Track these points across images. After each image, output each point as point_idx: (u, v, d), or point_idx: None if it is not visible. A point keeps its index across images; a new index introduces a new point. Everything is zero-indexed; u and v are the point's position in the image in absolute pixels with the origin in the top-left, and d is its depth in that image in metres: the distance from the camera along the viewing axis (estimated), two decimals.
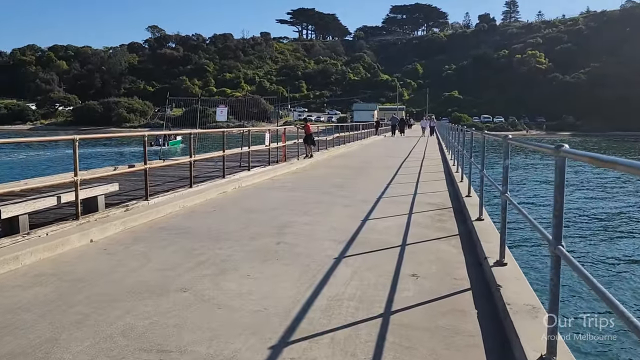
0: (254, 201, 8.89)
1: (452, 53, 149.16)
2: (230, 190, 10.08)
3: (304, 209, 8.08)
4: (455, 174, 12.21)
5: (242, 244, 5.78)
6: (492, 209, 11.63)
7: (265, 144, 14.14)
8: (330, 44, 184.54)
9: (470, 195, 8.51)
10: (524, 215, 3.57)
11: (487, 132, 7.01)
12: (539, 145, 3.22)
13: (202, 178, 11.67)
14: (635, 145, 63.36)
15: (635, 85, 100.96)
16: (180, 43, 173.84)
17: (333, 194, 9.67)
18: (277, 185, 11.13)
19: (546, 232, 2.84)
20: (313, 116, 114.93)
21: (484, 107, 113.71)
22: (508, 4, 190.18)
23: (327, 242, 5.90)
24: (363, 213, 7.68)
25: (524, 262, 8.65)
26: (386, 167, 15.31)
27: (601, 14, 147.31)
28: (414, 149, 24.30)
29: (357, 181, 11.84)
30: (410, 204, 8.60)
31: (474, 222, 6.49)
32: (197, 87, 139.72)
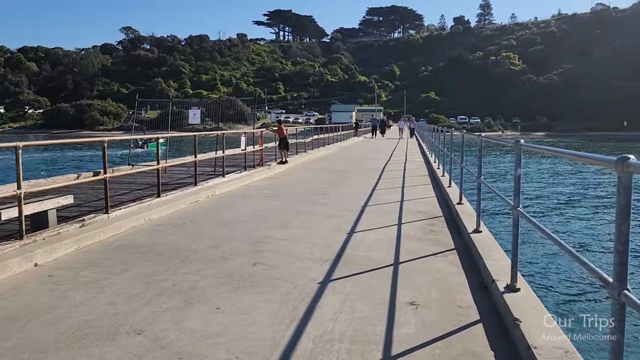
0: (228, 212, 8.13)
1: (429, 55, 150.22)
2: (202, 200, 9.30)
3: (282, 220, 7.37)
4: (441, 178, 11.65)
5: (213, 267, 5.04)
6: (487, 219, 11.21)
7: (241, 148, 13.37)
8: (308, 45, 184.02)
9: (461, 202, 7.91)
10: (564, 249, 2.91)
11: (487, 137, 6.45)
12: (597, 157, 2.57)
13: (174, 185, 10.86)
14: (605, 144, 64.27)
15: (606, 86, 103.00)
16: (155, 44, 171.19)
17: (314, 202, 8.97)
18: (254, 192, 10.38)
19: (602, 273, 2.19)
20: (291, 118, 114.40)
21: (460, 108, 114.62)
22: (482, 6, 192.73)
23: (309, 262, 5.20)
24: (348, 224, 7.01)
25: (536, 284, 7.96)
26: (369, 170, 14.70)
27: (572, 17, 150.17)
28: (395, 151, 23.78)
29: (339, 187, 11.17)
30: (399, 212, 7.96)
31: (471, 234, 5.87)
32: (172, 89, 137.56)
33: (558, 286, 6.76)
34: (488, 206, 15.54)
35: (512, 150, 4.66)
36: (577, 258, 2.51)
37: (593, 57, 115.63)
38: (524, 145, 3.79)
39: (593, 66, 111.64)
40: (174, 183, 11.37)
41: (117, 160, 26.48)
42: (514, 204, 3.89)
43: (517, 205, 3.87)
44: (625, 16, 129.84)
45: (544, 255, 9.95)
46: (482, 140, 5.94)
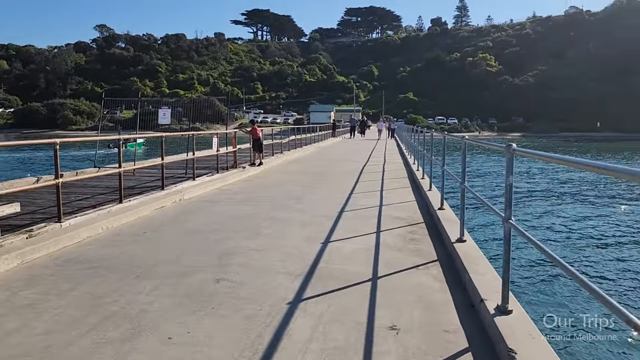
0: (195, 218, 7.58)
1: (407, 55, 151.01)
2: (169, 205, 8.72)
3: (254, 228, 6.86)
4: (421, 181, 11.28)
5: (171, 284, 4.51)
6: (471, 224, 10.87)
7: (213, 149, 12.79)
8: (286, 45, 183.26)
9: (443, 207, 7.52)
10: (565, 270, 2.48)
11: (483, 140, 6.06)
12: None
13: (141, 189, 10.25)
14: (576, 144, 65.34)
15: (580, 88, 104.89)
16: (131, 43, 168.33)
17: (289, 208, 8.48)
18: (226, 196, 9.84)
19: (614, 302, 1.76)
20: (269, 118, 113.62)
21: (438, 109, 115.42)
22: (459, 8, 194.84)
23: (280, 277, 4.71)
24: (324, 232, 6.54)
25: (527, 301, 7.43)
26: (346, 172, 14.26)
27: (547, 19, 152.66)
28: (373, 152, 23.41)
29: (315, 190, 10.70)
30: (377, 218, 7.53)
31: (454, 244, 5.46)
32: (148, 88, 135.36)
33: (552, 303, 6.24)
34: (471, 211, 15.28)
35: (497, 151, 4.27)
36: (582, 283, 2.08)
37: (567, 59, 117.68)
38: (518, 150, 3.37)
39: (567, 68, 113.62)
40: (141, 187, 10.77)
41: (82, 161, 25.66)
42: (505, 215, 3.46)
43: (508, 218, 3.44)
44: (598, 19, 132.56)
45: (534, 266, 9.53)
46: (466, 142, 5.53)
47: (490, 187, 23.36)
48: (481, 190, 21.46)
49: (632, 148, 56.28)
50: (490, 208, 3.92)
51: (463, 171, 5.50)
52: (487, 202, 4.07)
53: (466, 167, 5.68)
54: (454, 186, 16.25)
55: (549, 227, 14.50)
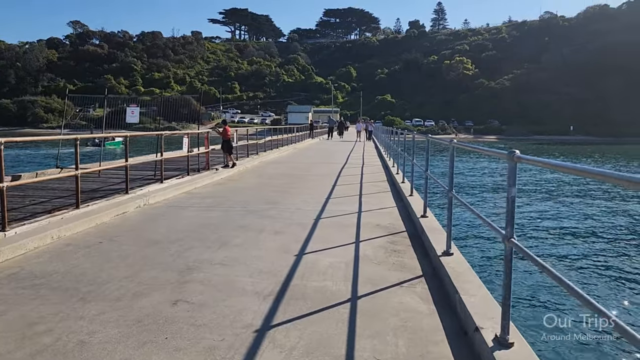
0: (158, 226, 6.96)
1: (384, 57, 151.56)
2: (131, 211, 8.07)
3: (222, 237, 6.28)
4: (401, 185, 10.83)
5: (122, 307, 3.92)
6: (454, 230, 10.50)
7: (184, 150, 12.13)
8: (264, 45, 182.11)
9: (426, 215, 7.06)
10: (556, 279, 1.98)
11: (480, 145, 5.61)
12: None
13: (104, 192, 9.57)
14: (550, 148, 66.14)
15: (554, 92, 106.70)
16: (105, 40, 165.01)
17: (262, 214, 7.92)
18: (194, 201, 9.22)
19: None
20: (246, 118, 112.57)
21: (415, 111, 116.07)
22: (436, 11, 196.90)
23: (247, 298, 4.16)
24: (299, 243, 6.01)
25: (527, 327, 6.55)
26: (324, 175, 13.75)
27: (522, 24, 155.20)
28: (351, 153, 22.97)
29: (291, 195, 10.15)
30: (356, 226, 7.03)
31: (441, 257, 4.99)
32: (123, 86, 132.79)
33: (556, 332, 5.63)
34: (456, 217, 14.83)
35: (491, 157, 3.81)
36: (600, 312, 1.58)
37: (542, 63, 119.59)
38: (522, 159, 2.89)
39: (542, 72, 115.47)
40: (105, 189, 10.07)
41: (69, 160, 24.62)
42: (507, 233, 2.99)
43: (510, 236, 2.97)
44: (571, 25, 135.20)
45: (534, 286, 8.74)
46: (454, 147, 5.06)
47: (476, 191, 22.88)
48: (469, 196, 21.06)
49: (603, 151, 57.22)
50: (488, 224, 3.44)
51: (450, 178, 5.03)
52: (484, 218, 3.59)
53: (451, 170, 5.22)
54: (436, 191, 15.77)
55: (546, 239, 13.54)
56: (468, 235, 13.13)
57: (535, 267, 2.73)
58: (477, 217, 3.99)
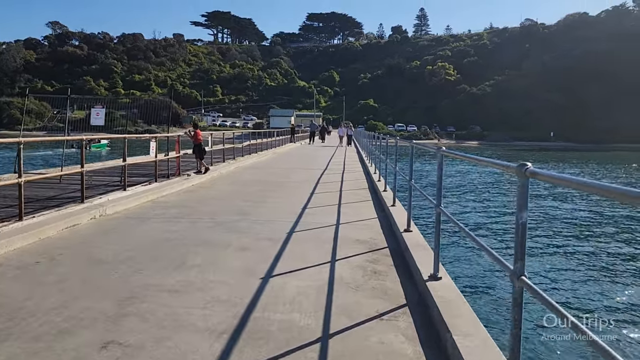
0: (109, 242, 6.17)
1: (367, 62, 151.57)
2: (84, 223, 7.26)
3: (180, 256, 5.54)
4: (383, 194, 10.19)
5: (38, 350, 3.16)
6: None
7: (151, 155, 11.32)
8: (247, 48, 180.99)
9: (410, 229, 6.41)
10: None
11: (483, 158, 4.97)
12: None
13: (59, 201, 8.74)
14: (533, 154, 66.23)
15: (535, 99, 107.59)
16: (85, 41, 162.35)
17: (230, 227, 7.18)
18: (157, 211, 8.43)
19: None
20: (228, 121, 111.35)
21: (397, 116, 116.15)
22: (419, 17, 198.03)
23: (197, 337, 3.43)
24: (267, 262, 5.29)
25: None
26: (302, 182, 13.06)
27: (503, 30, 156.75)
28: (332, 159, 22.30)
29: (265, 203, 9.43)
30: (333, 241, 6.34)
31: (427, 282, 4.33)
32: (103, 88, 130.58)
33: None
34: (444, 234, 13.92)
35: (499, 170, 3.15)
36: None
37: (523, 70, 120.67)
38: (535, 174, 2.23)
39: (523, 78, 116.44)
40: (61, 198, 9.24)
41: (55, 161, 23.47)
42: (516, 269, 2.32)
43: (520, 273, 2.30)
44: (552, 32, 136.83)
45: (546, 328, 6.93)
46: (442, 154, 4.41)
47: (466, 196, 22.08)
48: (457, 204, 20.29)
49: (585, 157, 57.51)
50: (492, 257, 2.76)
51: (439, 191, 4.37)
52: (487, 247, 2.90)
53: (439, 181, 4.57)
54: (422, 204, 14.73)
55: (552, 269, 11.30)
56: (458, 254, 11.55)
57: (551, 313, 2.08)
58: (472, 241, 3.33)
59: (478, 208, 19.18)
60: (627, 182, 31.99)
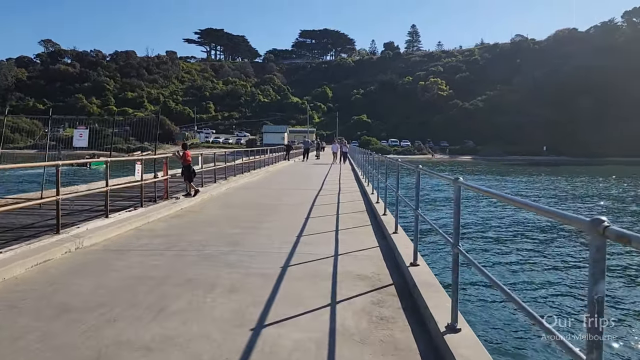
0: (82, 282, 5.50)
1: (360, 78, 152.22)
2: (58, 257, 6.60)
3: (160, 299, 4.89)
4: (382, 217, 9.61)
5: None
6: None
7: (136, 178, 10.69)
8: (240, 65, 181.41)
9: (417, 263, 5.81)
10: None
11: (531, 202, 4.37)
12: None
13: (34, 231, 8.09)
14: (526, 169, 65.91)
15: (526, 113, 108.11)
16: (77, 59, 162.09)
17: (218, 260, 6.55)
18: (141, 242, 7.77)
19: None
20: (221, 138, 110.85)
21: (391, 131, 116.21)
22: (411, 33, 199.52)
23: None
24: (258, 307, 4.66)
25: None
26: (297, 204, 12.44)
27: (494, 46, 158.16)
28: (327, 177, 21.73)
29: (256, 231, 8.80)
30: (332, 277, 5.72)
31: (444, 335, 3.72)
32: (95, 105, 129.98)
33: None
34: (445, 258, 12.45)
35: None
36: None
37: (514, 85, 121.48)
38: (617, 235, 1.64)
39: (514, 93, 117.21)
40: (39, 226, 8.59)
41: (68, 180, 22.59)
42: None
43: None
44: (542, 47, 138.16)
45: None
46: (459, 186, 3.82)
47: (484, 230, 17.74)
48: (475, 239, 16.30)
49: (577, 172, 57.32)
50: (537, 321, 2.14)
51: (456, 229, 3.78)
52: (531, 311, 2.27)
53: (456, 217, 3.98)
54: (426, 228, 13.63)
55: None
56: (474, 295, 9.73)
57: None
58: (501, 292, 2.73)
59: (495, 240, 16.10)
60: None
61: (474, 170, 61.59)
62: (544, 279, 11.42)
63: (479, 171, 60.44)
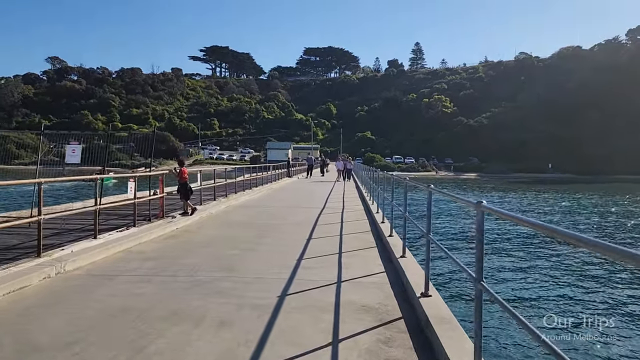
0: (56, 315, 4.94)
1: (364, 95, 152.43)
2: (35, 284, 6.05)
3: (139, 337, 4.32)
4: (388, 239, 9.03)
5: None
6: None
7: (129, 196, 10.18)
8: (245, 82, 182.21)
9: (429, 293, 5.23)
10: None
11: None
12: None
13: (17, 252, 7.60)
14: (531, 187, 64.92)
15: (531, 130, 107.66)
16: (84, 76, 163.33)
17: (210, 287, 5.99)
18: (130, 265, 7.22)
19: None
20: (225, 154, 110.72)
21: (395, 148, 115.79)
22: (414, 51, 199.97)
23: None
24: (250, 347, 4.10)
25: None
26: (298, 224, 11.89)
27: (498, 64, 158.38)
28: (330, 195, 21.17)
29: (254, 253, 8.24)
30: (334, 309, 5.15)
31: None
32: (100, 122, 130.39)
33: None
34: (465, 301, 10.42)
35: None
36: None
37: (518, 102, 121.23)
38: None
39: (518, 110, 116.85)
40: (24, 247, 8.09)
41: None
42: None
43: None
44: (546, 65, 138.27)
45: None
46: (482, 211, 3.28)
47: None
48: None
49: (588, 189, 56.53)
50: None
51: (479, 261, 3.23)
52: None
53: (480, 247, 3.42)
54: (437, 254, 12.63)
55: None
56: (499, 334, 8.45)
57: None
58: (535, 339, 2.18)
59: (522, 270, 14.15)
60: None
61: (485, 188, 60.55)
62: (583, 320, 9.50)
63: (493, 189, 58.56)
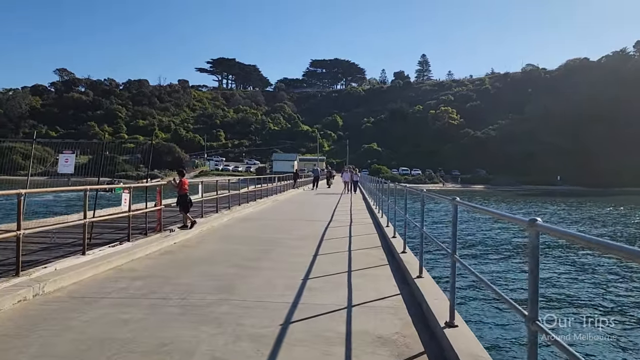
0: (22, 349, 4.26)
1: (370, 107, 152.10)
2: (7, 308, 5.37)
3: None
4: (401, 255, 8.31)
5: None
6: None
7: (123, 209, 9.54)
8: (251, 93, 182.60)
9: (454, 323, 4.51)
10: None
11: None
12: None
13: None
14: (551, 199, 63.90)
15: (538, 142, 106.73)
16: (91, 87, 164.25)
17: (203, 313, 5.29)
18: (118, 285, 6.55)
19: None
20: (231, 166, 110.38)
21: (401, 160, 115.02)
22: (421, 63, 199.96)
23: None
24: None
25: None
26: (304, 238, 11.19)
27: (505, 75, 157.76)
28: (337, 207, 20.46)
29: (255, 272, 7.55)
30: (345, 343, 4.44)
31: None
32: (107, 133, 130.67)
33: None
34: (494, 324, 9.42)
35: None
36: None
37: (526, 114, 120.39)
38: None
39: (526, 122, 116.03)
40: (5, 264, 7.41)
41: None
42: None
43: None
44: (553, 76, 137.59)
45: None
46: (537, 231, 2.58)
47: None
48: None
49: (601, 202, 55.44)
50: None
51: (533, 302, 2.53)
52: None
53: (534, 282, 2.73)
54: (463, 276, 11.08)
55: None
56: None
57: None
58: None
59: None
60: None
61: (508, 200, 59.37)
62: None
63: (508, 201, 57.46)
